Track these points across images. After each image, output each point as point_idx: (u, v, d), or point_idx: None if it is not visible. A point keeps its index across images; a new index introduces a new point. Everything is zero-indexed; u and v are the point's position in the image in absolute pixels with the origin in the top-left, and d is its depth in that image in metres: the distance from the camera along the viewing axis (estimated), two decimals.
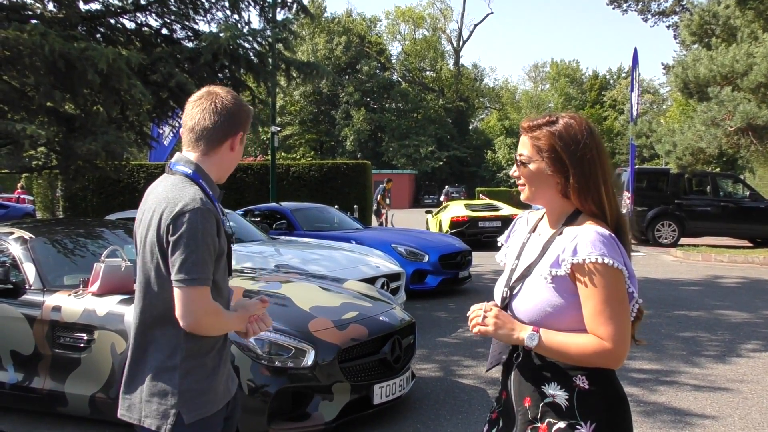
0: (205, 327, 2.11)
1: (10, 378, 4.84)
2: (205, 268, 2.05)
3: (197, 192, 2.11)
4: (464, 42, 66.36)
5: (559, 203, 1.99)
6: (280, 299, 4.89)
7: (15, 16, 9.69)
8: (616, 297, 1.84)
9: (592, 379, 1.88)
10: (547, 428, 1.89)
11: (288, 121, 57.68)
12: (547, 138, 1.94)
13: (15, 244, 5.25)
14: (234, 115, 2.20)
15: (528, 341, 1.86)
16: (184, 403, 2.11)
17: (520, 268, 2.02)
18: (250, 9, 10.80)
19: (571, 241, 1.88)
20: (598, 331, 1.83)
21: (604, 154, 1.97)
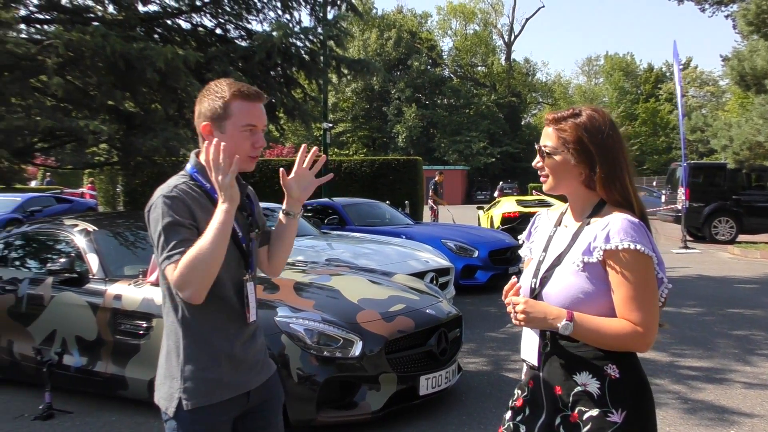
0: (193, 289, 2.03)
1: (75, 362, 5.10)
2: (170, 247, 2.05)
3: (173, 182, 2.18)
4: (516, 36, 65.88)
5: (583, 194, 2.05)
6: (329, 291, 5.03)
7: (78, 19, 10.09)
8: (647, 283, 1.91)
9: (622, 368, 1.95)
10: (578, 416, 1.95)
11: (340, 117, 58.11)
12: (573, 129, 2.00)
13: (79, 235, 5.52)
14: (198, 108, 2.23)
15: (562, 330, 1.92)
16: (185, 389, 2.15)
17: (549, 259, 2.07)
18: (300, 8, 10.99)
19: (602, 229, 1.94)
20: (630, 317, 1.90)
21: (626, 146, 2.05)
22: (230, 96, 2.17)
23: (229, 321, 2.22)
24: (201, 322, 2.17)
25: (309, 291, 5.01)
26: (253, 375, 2.30)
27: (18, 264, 5.82)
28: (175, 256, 2.03)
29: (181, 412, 2.15)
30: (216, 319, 2.19)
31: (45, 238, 5.91)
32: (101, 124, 8.84)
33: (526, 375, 2.16)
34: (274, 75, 10.81)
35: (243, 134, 2.17)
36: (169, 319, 2.21)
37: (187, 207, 2.12)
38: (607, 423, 1.91)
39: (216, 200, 2.10)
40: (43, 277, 5.39)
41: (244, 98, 2.18)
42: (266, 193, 20.09)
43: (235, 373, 2.22)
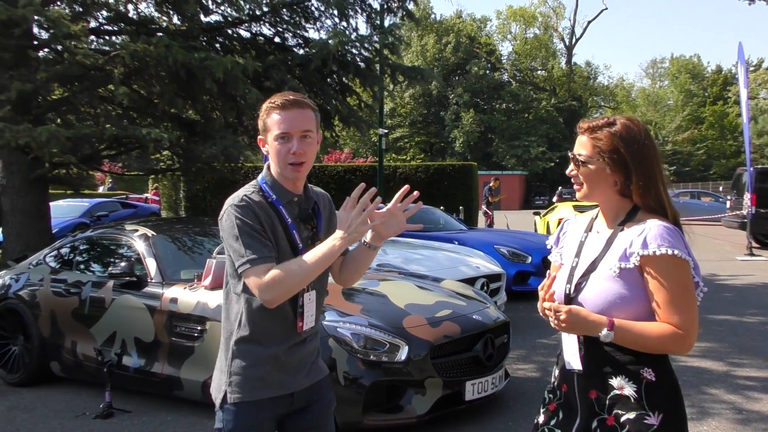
0: (275, 298, 2.17)
1: (134, 363, 5.31)
2: (249, 251, 2.18)
3: (243, 192, 2.31)
4: (577, 40, 64.84)
5: (617, 201, 2.09)
6: (377, 296, 5.11)
7: (143, 30, 10.44)
8: (686, 287, 1.95)
9: (658, 372, 1.99)
10: (614, 419, 1.98)
11: (398, 123, 58.33)
12: (608, 138, 2.03)
13: (139, 240, 5.75)
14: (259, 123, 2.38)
15: (603, 338, 1.96)
16: (231, 383, 2.30)
17: (583, 265, 2.11)
18: (357, 16, 11.15)
19: (638, 235, 1.98)
20: (671, 320, 1.94)
21: (659, 154, 2.09)
22: (265, 110, 2.32)
23: (278, 326, 2.33)
24: (252, 325, 2.30)
25: (357, 296, 5.10)
26: (298, 377, 2.39)
27: (82, 267, 6.09)
28: (259, 261, 2.17)
29: (226, 404, 2.30)
30: (267, 324, 2.31)
31: (107, 242, 6.17)
32: (164, 131, 9.13)
33: (557, 379, 2.20)
34: (330, 82, 10.99)
35: (278, 143, 2.28)
36: (227, 316, 2.36)
37: (255, 215, 2.25)
38: (645, 426, 1.94)
39: (280, 211, 2.30)
40: (104, 280, 5.62)
41: (276, 109, 2.28)
42: None
43: (279, 374, 2.33)
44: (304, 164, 2.31)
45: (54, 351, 5.86)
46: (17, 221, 10.69)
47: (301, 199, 2.39)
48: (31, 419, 5.19)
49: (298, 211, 2.38)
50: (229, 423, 2.31)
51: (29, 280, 6.17)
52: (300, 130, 2.28)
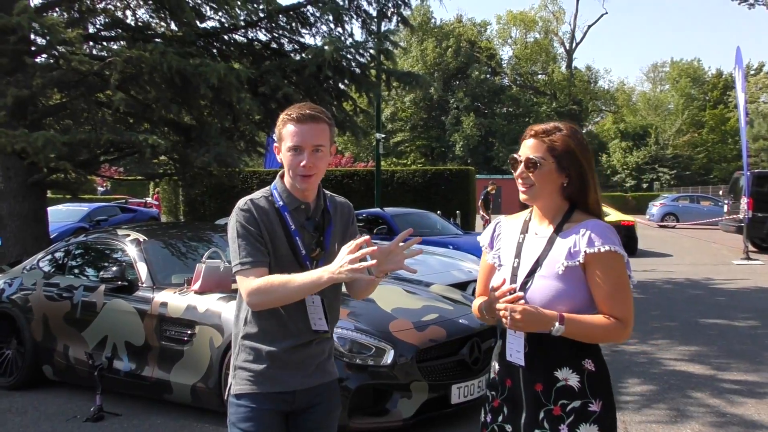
0: (257, 304, 2.32)
1: (124, 366, 5.36)
2: (242, 255, 2.32)
3: (249, 196, 2.45)
4: (577, 44, 64.91)
5: (557, 202, 2.23)
6: (364, 301, 5.14)
7: (140, 36, 10.52)
8: (624, 281, 2.13)
9: (597, 362, 2.16)
10: (560, 409, 2.12)
11: (399, 127, 58.38)
12: (563, 140, 2.17)
13: (131, 245, 5.80)
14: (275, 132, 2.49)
15: (555, 332, 2.08)
16: (235, 376, 2.45)
17: (525, 265, 2.22)
18: (352, 22, 11.21)
19: (582, 234, 2.13)
20: (612, 312, 2.11)
21: (593, 159, 2.28)
22: (281, 121, 2.42)
23: (279, 327, 2.42)
24: (255, 323, 2.43)
25: (344, 300, 5.13)
26: (299, 377, 2.46)
27: (74, 272, 6.14)
28: (250, 265, 2.31)
29: (231, 396, 2.45)
30: (267, 325, 2.42)
31: (100, 247, 6.22)
32: (160, 137, 9.20)
33: (498, 374, 2.30)
34: (326, 88, 11.03)
35: (291, 154, 2.37)
36: (235, 314, 2.50)
37: (255, 219, 2.37)
38: (589, 412, 2.11)
39: (285, 217, 2.41)
40: (96, 284, 5.68)
41: (292, 121, 2.37)
42: None
43: (278, 371, 2.42)
44: (314, 176, 2.40)
45: (46, 355, 5.91)
46: (15, 226, 10.73)
47: (308, 207, 2.46)
48: (23, 422, 5.24)
49: (304, 219, 2.46)
50: (232, 415, 2.44)
51: (22, 284, 6.22)
52: (312, 144, 2.36)
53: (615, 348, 7.09)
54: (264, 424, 2.42)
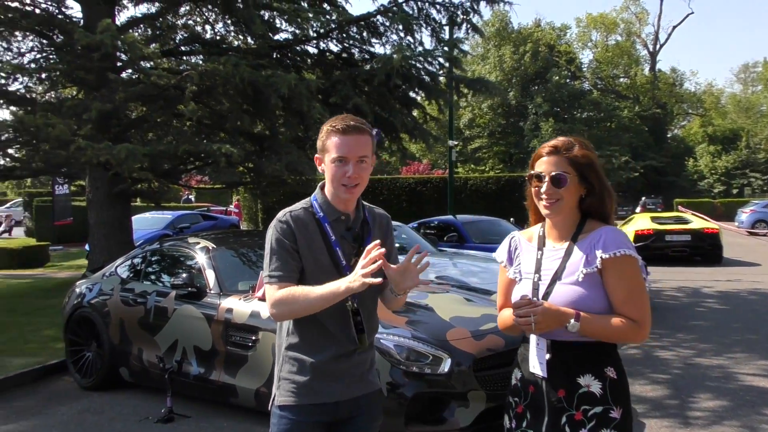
0: (278, 315, 2.39)
1: (193, 370, 5.55)
2: (271, 267, 2.38)
3: (290, 208, 2.49)
4: (661, 46, 63.10)
5: (573, 214, 2.31)
6: (423, 309, 5.18)
7: (215, 50, 10.88)
8: (639, 283, 2.20)
9: (618, 370, 2.22)
10: (582, 414, 2.17)
11: (477, 134, 58.01)
12: (583, 154, 2.26)
13: (201, 252, 6.01)
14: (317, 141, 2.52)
15: (570, 328, 2.16)
16: (279, 387, 2.47)
17: (546, 278, 2.29)
18: (422, 30, 11.29)
19: (597, 241, 2.21)
20: (630, 314, 2.16)
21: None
22: (326, 132, 2.45)
23: (321, 336, 2.45)
24: (298, 334, 2.46)
25: (403, 308, 5.17)
26: (342, 387, 2.48)
27: (148, 278, 6.40)
28: (278, 279, 2.37)
29: (273, 407, 2.48)
30: (313, 333, 2.45)
31: (172, 254, 6.46)
32: (233, 146, 9.49)
33: (521, 381, 2.34)
34: (395, 96, 11.14)
35: (335, 165, 2.40)
36: (279, 327, 2.53)
37: (291, 231, 2.41)
38: (610, 418, 2.16)
39: (325, 228, 2.44)
40: (167, 290, 5.90)
41: (337, 133, 2.40)
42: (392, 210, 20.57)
43: (322, 382, 2.44)
44: (358, 187, 2.43)
45: (123, 357, 6.17)
46: (101, 233, 11.29)
47: (348, 218, 2.50)
48: (99, 422, 5.49)
49: (343, 229, 2.49)
50: (274, 426, 2.47)
51: (101, 289, 6.53)
52: (357, 156, 2.39)
53: (689, 361, 6.88)
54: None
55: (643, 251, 16.12)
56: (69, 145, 8.76)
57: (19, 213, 31.98)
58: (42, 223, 22.91)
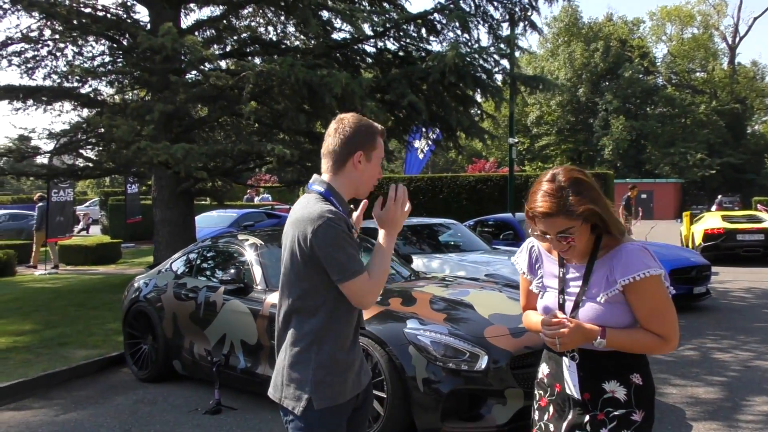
0: (372, 300, 2.44)
1: (240, 364, 5.68)
2: (353, 262, 2.36)
3: (325, 206, 2.44)
4: (741, 38, 60.73)
5: (588, 237, 2.27)
6: (463, 306, 5.17)
7: (274, 51, 11.07)
8: (663, 299, 2.19)
9: (644, 376, 2.25)
10: (604, 415, 2.22)
11: (545, 131, 57.18)
12: (579, 204, 2.17)
13: (249, 249, 6.14)
14: (351, 137, 2.50)
15: (597, 345, 2.19)
16: (315, 392, 2.39)
17: (569, 302, 2.30)
18: (479, 28, 11.21)
19: (617, 262, 2.20)
20: (655, 329, 2.18)
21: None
22: (377, 131, 2.56)
23: (350, 332, 2.52)
24: (337, 334, 2.46)
25: (443, 305, 5.18)
26: (361, 378, 2.59)
27: (199, 274, 6.57)
28: (352, 275, 2.35)
29: (311, 411, 2.39)
30: (348, 332, 2.50)
31: (223, 251, 6.62)
32: (291, 146, 9.65)
33: (548, 377, 2.40)
34: (451, 94, 11.10)
35: (377, 165, 2.57)
36: (304, 329, 2.43)
37: (348, 227, 2.42)
38: (631, 421, 2.20)
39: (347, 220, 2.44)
40: (217, 286, 6.06)
41: (382, 135, 2.59)
42: (452, 209, 20.49)
43: (354, 377, 2.52)
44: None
45: (176, 350, 6.37)
46: (166, 231, 11.65)
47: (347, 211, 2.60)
48: (151, 412, 5.69)
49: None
50: (314, 428, 2.41)
51: (156, 284, 6.75)
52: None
53: (748, 363, 6.63)
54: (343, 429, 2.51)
55: (713, 251, 15.60)
56: (131, 145, 9.08)
57: (96, 212, 33.22)
58: (115, 221, 23.78)
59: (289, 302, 2.50)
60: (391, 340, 4.69)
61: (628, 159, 54.12)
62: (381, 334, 4.73)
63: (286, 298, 2.51)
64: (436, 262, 8.45)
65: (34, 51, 11.74)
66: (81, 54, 11.93)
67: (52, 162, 12.75)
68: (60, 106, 11.89)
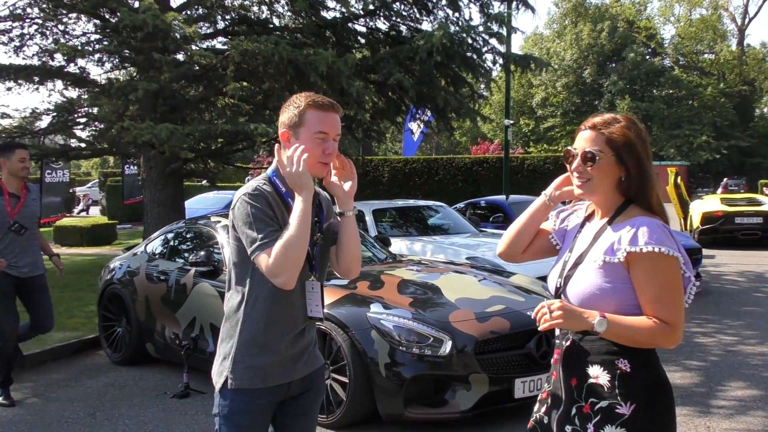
0: (288, 274, 2.24)
1: (210, 347, 5.60)
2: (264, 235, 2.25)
3: (253, 185, 2.39)
4: (750, 19, 59.86)
5: (613, 196, 2.14)
6: (430, 289, 5.06)
7: (261, 30, 10.90)
8: (673, 282, 2.00)
9: (634, 363, 2.02)
10: (589, 407, 2.05)
11: (550, 113, 56.76)
12: (622, 133, 2.08)
13: (221, 231, 6.03)
14: (280, 117, 2.45)
15: (597, 327, 1.99)
16: (233, 370, 2.38)
17: (573, 258, 2.17)
18: (470, 6, 10.99)
19: (628, 231, 2.02)
20: (659, 315, 1.99)
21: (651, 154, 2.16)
22: (305, 106, 2.38)
23: (284, 317, 2.41)
24: (260, 315, 2.39)
25: (410, 288, 5.07)
26: (297, 368, 2.48)
27: (171, 256, 6.48)
28: (268, 244, 2.24)
29: (225, 390, 2.39)
30: (273, 314, 2.39)
31: (195, 232, 6.52)
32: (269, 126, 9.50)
33: (552, 366, 2.24)
34: (442, 74, 10.91)
35: (315, 141, 2.35)
36: (232, 304, 2.42)
37: (268, 203, 2.33)
38: (616, 414, 2.00)
39: (288, 203, 2.36)
40: (187, 268, 5.96)
41: (318, 108, 2.37)
42: (448, 191, 20.33)
43: (278, 365, 2.42)
44: (330, 164, 2.41)
45: (148, 333, 6.29)
46: (155, 213, 11.54)
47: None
48: (120, 395, 5.62)
49: None
50: (225, 408, 2.40)
51: (130, 267, 6.66)
52: (335, 133, 2.39)
53: (730, 348, 6.51)
54: (259, 417, 2.44)
55: (711, 234, 15.45)
56: (115, 125, 8.96)
57: (96, 192, 33.23)
58: (113, 202, 23.72)
59: (227, 278, 2.49)
60: (353, 324, 4.59)
61: None
62: (343, 317, 4.63)
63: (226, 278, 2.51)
64: (418, 244, 8.34)
65: (21, 29, 11.60)
66: (66, 33, 11.77)
67: (43, 142, 12.66)
68: (52, 85, 11.78)
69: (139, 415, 5.14)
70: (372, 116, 12.06)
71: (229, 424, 2.39)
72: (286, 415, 2.53)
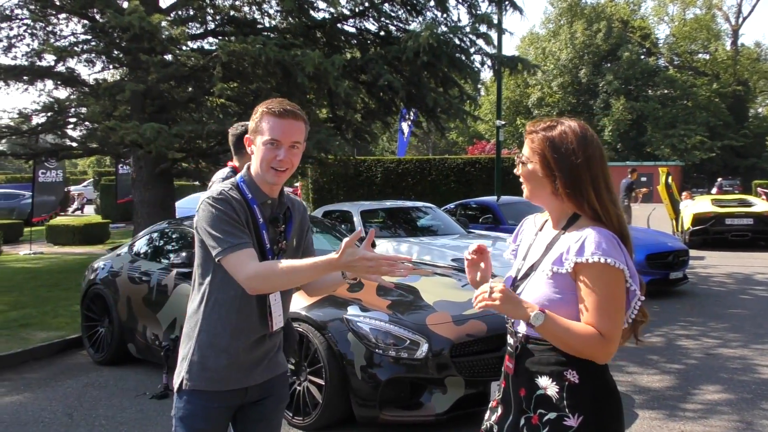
0: (257, 288, 2.24)
1: None
2: (230, 237, 2.24)
3: (217, 189, 2.39)
4: (744, 19, 60.16)
5: (557, 204, 2.09)
6: (408, 292, 5.06)
7: (248, 30, 10.90)
8: (614, 294, 1.95)
9: (582, 374, 1.99)
10: (538, 418, 2.02)
11: (546, 113, 56.77)
12: (539, 142, 2.07)
13: None
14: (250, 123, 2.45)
15: (533, 319, 1.95)
16: (189, 371, 2.38)
17: (525, 267, 2.14)
18: (459, 7, 11.00)
19: (575, 241, 1.99)
20: (596, 324, 1.94)
21: (596, 162, 2.05)
22: (260, 113, 2.39)
23: (243, 322, 2.40)
24: (217, 317, 2.39)
25: (388, 291, 5.06)
26: (255, 373, 2.47)
27: (153, 257, 6.47)
28: (239, 246, 2.24)
29: (182, 391, 2.40)
30: (232, 318, 2.39)
31: (178, 233, 6.51)
32: None
33: (503, 373, 2.21)
34: (430, 74, 10.92)
35: (266, 148, 2.35)
36: (193, 306, 2.43)
37: (232, 207, 2.32)
38: (563, 426, 1.96)
39: (254, 210, 2.38)
40: (169, 269, 5.95)
41: (272, 115, 2.36)
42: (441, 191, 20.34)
43: (235, 370, 2.41)
44: (287, 172, 2.40)
45: (130, 334, 6.28)
46: (145, 212, 11.53)
47: (274, 203, 2.47)
48: (99, 396, 5.61)
49: (270, 214, 2.45)
50: (180, 410, 2.40)
51: (112, 267, 6.65)
52: (290, 140, 2.36)
53: (711, 351, 6.52)
54: (213, 421, 2.42)
55: (702, 235, 15.46)
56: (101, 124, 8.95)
57: (90, 192, 33.19)
58: (107, 201, 23.69)
59: (192, 280, 2.49)
60: (330, 326, 4.59)
61: (628, 141, 53.79)
62: (320, 319, 4.63)
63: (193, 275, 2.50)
64: (405, 246, 8.34)
65: (10, 30, 11.59)
66: (54, 33, 11.76)
67: (36, 141, 12.65)
68: (42, 85, 11.77)
69: (116, 415, 5.13)
70: (363, 117, 12.08)
71: (184, 425, 2.39)
72: (246, 420, 2.53)
